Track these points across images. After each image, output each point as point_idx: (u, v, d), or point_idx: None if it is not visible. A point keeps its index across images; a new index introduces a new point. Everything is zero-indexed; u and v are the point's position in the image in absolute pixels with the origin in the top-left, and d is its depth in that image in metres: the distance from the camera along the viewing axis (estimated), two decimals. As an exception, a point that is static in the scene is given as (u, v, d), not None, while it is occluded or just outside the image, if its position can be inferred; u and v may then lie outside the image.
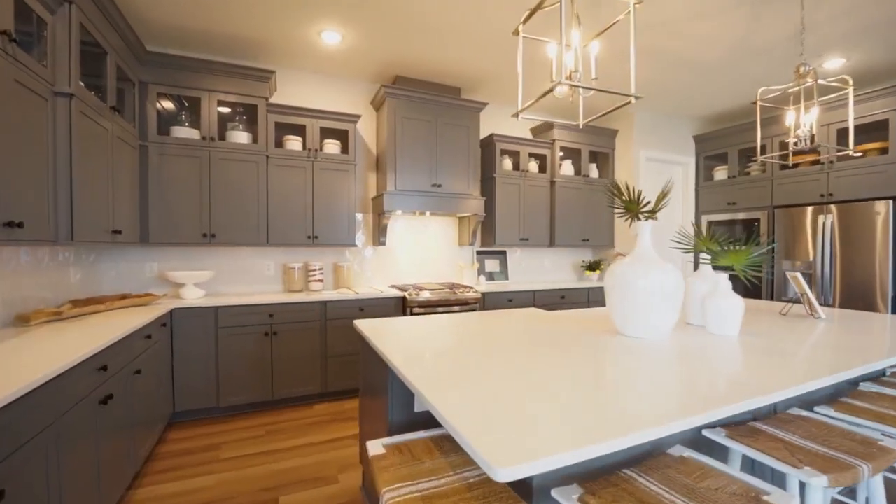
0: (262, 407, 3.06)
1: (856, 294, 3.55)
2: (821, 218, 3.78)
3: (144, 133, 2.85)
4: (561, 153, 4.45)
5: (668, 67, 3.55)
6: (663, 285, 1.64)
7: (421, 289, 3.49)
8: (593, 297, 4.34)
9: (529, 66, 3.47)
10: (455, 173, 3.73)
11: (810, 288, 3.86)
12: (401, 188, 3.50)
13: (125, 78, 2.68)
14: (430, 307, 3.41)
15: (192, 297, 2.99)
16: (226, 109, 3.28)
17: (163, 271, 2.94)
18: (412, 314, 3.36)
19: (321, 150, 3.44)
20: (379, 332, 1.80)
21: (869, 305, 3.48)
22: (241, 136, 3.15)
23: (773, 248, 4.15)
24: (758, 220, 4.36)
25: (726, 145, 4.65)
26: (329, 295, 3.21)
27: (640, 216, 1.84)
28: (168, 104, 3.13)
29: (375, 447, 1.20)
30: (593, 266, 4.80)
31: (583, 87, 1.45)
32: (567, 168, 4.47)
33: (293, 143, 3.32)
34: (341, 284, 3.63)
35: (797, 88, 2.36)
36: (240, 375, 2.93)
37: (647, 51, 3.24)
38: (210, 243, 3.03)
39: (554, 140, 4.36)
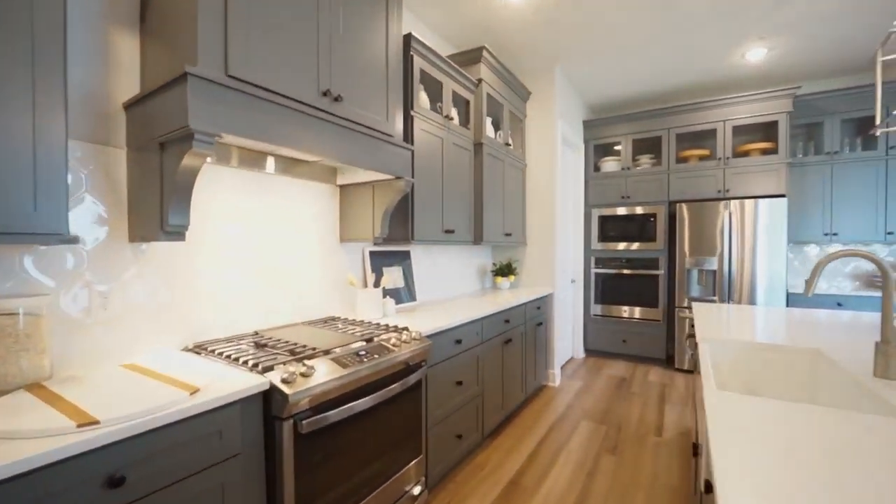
0: None
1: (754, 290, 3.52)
2: (724, 213, 3.66)
3: None
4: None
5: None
6: None
7: (306, 354, 1.33)
8: (531, 315, 3.05)
9: None
10: (365, 79, 1.70)
11: (714, 285, 3.72)
12: (245, 79, 1.24)
13: None
14: (340, 402, 1.31)
15: None
16: None
17: None
18: (300, 434, 1.19)
19: None
20: None
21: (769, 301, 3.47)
22: None
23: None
24: (654, 215, 4.06)
25: (619, 133, 4.22)
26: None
27: None
28: None
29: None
30: (504, 270, 3.53)
31: None
32: (489, 128, 3.02)
33: None
34: (13, 373, 1.04)
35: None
36: None
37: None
38: None
39: (480, 80, 2.83)
